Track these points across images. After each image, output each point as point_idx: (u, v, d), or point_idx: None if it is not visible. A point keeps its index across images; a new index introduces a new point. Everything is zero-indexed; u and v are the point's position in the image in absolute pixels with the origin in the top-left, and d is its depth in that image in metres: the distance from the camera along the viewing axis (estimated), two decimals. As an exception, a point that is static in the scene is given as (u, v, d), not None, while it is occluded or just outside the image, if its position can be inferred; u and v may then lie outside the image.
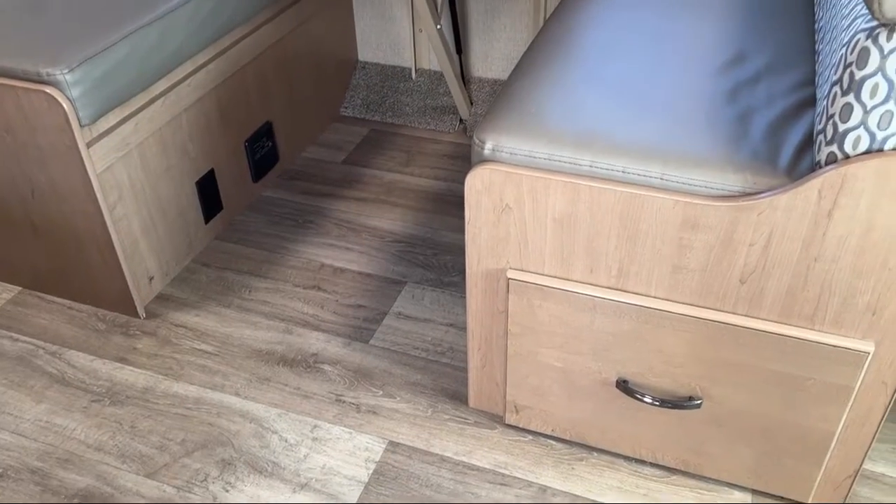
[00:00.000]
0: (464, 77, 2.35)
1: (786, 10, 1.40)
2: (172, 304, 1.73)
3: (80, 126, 1.42)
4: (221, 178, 1.88)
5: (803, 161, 1.02)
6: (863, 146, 0.93)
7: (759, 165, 1.03)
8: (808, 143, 1.05)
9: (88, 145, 1.46)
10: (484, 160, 1.15)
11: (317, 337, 1.64)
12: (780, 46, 1.28)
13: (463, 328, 1.65)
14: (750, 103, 1.14)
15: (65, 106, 1.38)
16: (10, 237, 1.68)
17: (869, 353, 1.07)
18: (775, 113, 1.11)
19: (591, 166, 1.09)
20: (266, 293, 1.76)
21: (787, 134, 1.07)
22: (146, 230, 1.67)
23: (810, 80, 1.18)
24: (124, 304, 1.68)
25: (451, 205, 2.01)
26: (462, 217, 1.97)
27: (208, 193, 1.84)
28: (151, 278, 1.72)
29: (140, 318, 1.69)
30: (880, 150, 0.92)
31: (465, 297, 1.54)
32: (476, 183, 1.15)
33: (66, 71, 1.37)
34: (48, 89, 1.37)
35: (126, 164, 1.57)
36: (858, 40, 0.89)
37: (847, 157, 0.94)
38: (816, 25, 1.25)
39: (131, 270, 1.65)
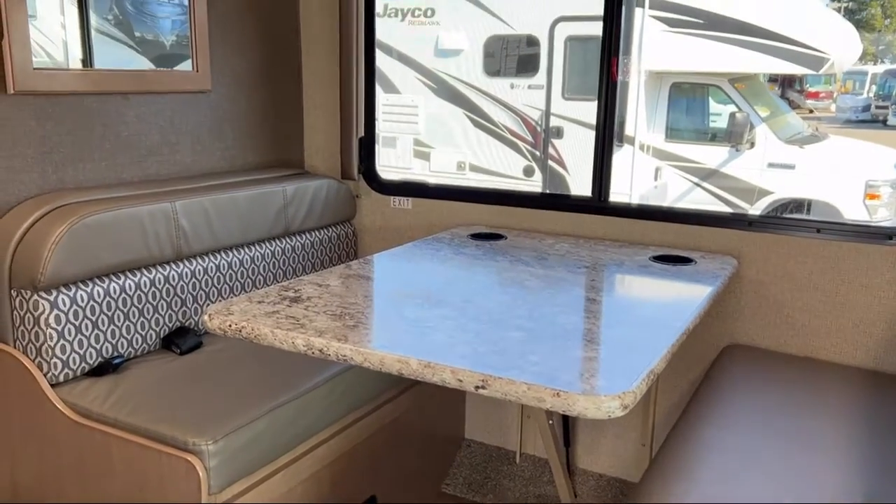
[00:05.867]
0: (569, 467, 2.34)
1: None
2: None
3: (209, 494, 1.48)
4: (320, 553, 1.85)
5: None
6: None
7: None
8: None
9: (210, 514, 1.50)
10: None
11: None
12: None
13: None
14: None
15: (201, 474, 1.46)
16: None
17: None
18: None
19: None
20: None
21: None
22: None
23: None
24: None
25: None
26: None
27: (305, 569, 1.80)
28: None
29: None
30: None
31: None
32: None
33: (210, 442, 1.47)
34: (189, 457, 1.47)
35: (237, 534, 1.59)
36: None
37: None
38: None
39: None
